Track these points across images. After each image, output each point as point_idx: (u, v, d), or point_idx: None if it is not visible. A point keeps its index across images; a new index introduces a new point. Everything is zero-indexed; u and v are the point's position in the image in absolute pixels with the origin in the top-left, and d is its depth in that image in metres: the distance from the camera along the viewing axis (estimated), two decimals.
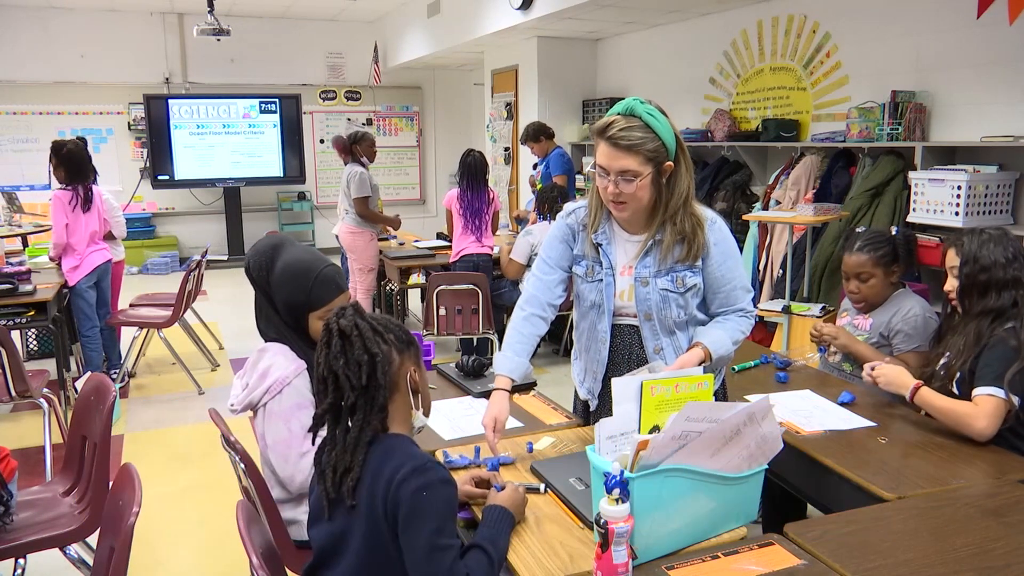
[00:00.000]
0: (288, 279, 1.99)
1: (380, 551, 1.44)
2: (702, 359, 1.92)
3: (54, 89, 9.11)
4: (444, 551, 1.39)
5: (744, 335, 2.04)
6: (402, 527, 1.40)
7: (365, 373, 1.47)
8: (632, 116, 1.86)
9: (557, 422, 2.25)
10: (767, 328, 5.04)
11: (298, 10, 9.29)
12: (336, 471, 1.48)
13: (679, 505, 1.52)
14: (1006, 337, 2.08)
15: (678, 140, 1.91)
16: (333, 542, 1.51)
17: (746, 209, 5.45)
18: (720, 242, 1.99)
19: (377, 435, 1.50)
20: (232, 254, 9.65)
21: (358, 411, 1.48)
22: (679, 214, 1.94)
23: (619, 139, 1.84)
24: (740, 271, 2.03)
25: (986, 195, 3.70)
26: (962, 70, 4.09)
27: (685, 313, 2.00)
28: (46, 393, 3.61)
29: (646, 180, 1.87)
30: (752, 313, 2.04)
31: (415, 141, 10.95)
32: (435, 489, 1.41)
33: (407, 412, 1.57)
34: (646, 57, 6.84)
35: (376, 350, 1.48)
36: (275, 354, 1.99)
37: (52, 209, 4.57)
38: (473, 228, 5.06)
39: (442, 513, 1.41)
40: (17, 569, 2.29)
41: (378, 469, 1.45)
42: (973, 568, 1.45)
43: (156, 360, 5.54)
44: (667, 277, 1.97)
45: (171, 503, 3.45)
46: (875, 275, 2.58)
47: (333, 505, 1.50)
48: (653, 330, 2.01)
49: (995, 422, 2.02)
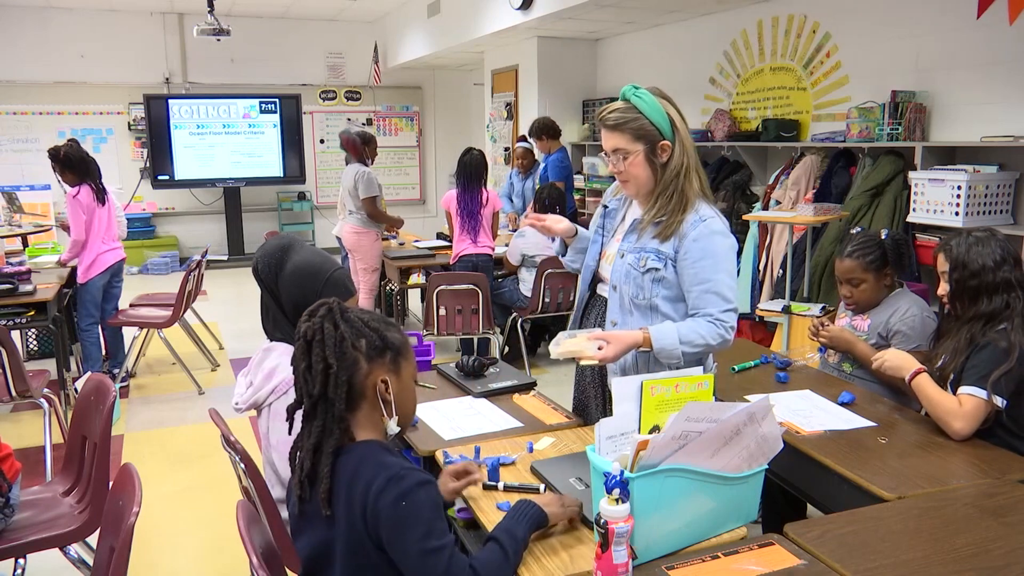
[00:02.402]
0: (297, 281, 1.98)
1: (364, 560, 1.41)
2: (638, 342, 1.94)
3: (54, 89, 9.10)
4: (437, 552, 1.36)
5: (705, 340, 1.95)
6: (388, 540, 1.37)
7: (319, 382, 1.43)
8: (623, 100, 2.03)
9: (557, 422, 2.25)
10: (767, 328, 5.04)
11: (298, 10, 9.29)
12: (302, 470, 1.46)
13: (679, 505, 1.52)
14: (996, 338, 2.08)
15: (672, 121, 2.01)
16: (317, 553, 1.48)
17: (746, 209, 5.46)
18: (701, 239, 1.97)
19: (343, 445, 1.45)
20: (232, 254, 9.65)
21: (318, 417, 1.45)
22: (670, 192, 2.01)
23: (607, 120, 2.03)
24: (720, 278, 1.97)
25: (986, 195, 3.70)
26: (962, 70, 4.09)
27: (642, 296, 2.04)
28: (46, 393, 3.61)
29: (638, 157, 2.01)
30: (724, 324, 1.96)
31: (415, 141, 10.95)
32: (414, 495, 1.37)
33: (378, 420, 1.50)
34: (646, 57, 6.84)
35: (332, 361, 1.43)
36: (281, 354, 1.99)
37: (70, 210, 4.64)
38: (469, 229, 5.06)
39: (426, 517, 1.37)
40: (17, 569, 2.29)
41: (351, 481, 1.41)
42: (973, 568, 1.45)
43: (156, 360, 5.54)
44: (635, 254, 2.06)
45: (171, 503, 3.45)
46: (866, 280, 2.59)
47: (308, 512, 1.49)
48: (616, 303, 2.10)
49: (972, 423, 2.04)
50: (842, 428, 2.14)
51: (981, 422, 2.05)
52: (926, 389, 2.14)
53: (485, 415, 2.29)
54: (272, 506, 1.98)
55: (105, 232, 4.75)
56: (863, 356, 2.49)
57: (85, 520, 2.30)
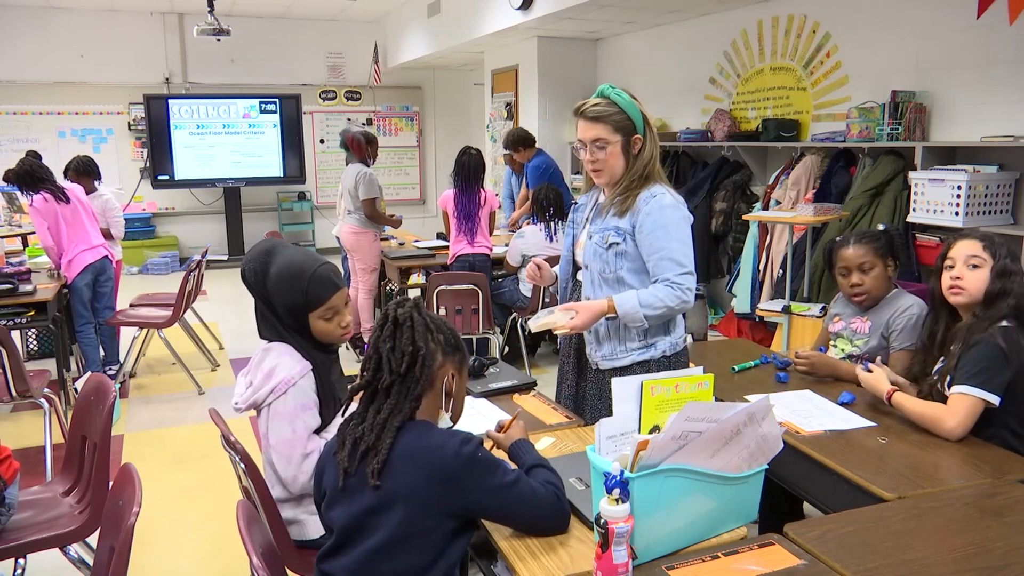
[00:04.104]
0: (284, 282, 1.98)
1: (418, 526, 1.49)
2: (604, 310, 2.19)
3: (54, 89, 9.11)
4: (519, 479, 1.56)
5: (664, 303, 2.16)
6: (474, 488, 1.51)
7: (406, 362, 1.55)
8: (602, 96, 2.25)
9: (557, 422, 2.25)
10: (767, 328, 5.04)
11: (298, 10, 9.29)
12: (357, 446, 1.54)
13: (679, 505, 1.52)
14: (994, 334, 2.07)
15: (645, 118, 2.24)
16: (356, 522, 1.53)
17: (746, 209, 5.46)
18: (653, 212, 2.19)
19: (406, 422, 1.56)
20: (232, 254, 9.65)
21: (392, 396, 1.56)
22: (636, 181, 2.24)
23: (590, 112, 2.23)
24: (672, 245, 2.19)
25: (986, 195, 3.70)
26: (962, 70, 4.09)
27: (609, 271, 2.27)
28: (46, 393, 3.61)
29: (616, 148, 2.23)
30: (682, 287, 2.17)
31: (415, 141, 10.95)
32: (483, 448, 1.56)
33: (436, 410, 1.64)
34: (646, 57, 6.84)
35: (421, 344, 1.57)
36: (281, 354, 1.99)
37: (33, 220, 4.69)
38: (466, 231, 5.05)
39: (497, 460, 1.57)
40: (17, 569, 2.29)
41: (414, 449, 1.51)
42: (973, 568, 1.45)
43: (156, 360, 5.54)
44: (600, 234, 2.28)
45: (171, 503, 3.45)
46: (876, 265, 2.59)
47: (352, 485, 1.54)
48: (588, 281, 2.33)
49: (966, 421, 2.03)
50: (842, 428, 2.14)
51: (975, 420, 2.03)
52: (906, 405, 2.14)
53: (485, 415, 2.28)
54: (272, 506, 1.98)
55: (80, 231, 4.72)
56: (848, 375, 2.49)
57: (85, 520, 2.30)
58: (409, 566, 1.50)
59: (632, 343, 2.28)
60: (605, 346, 2.31)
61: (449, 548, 1.52)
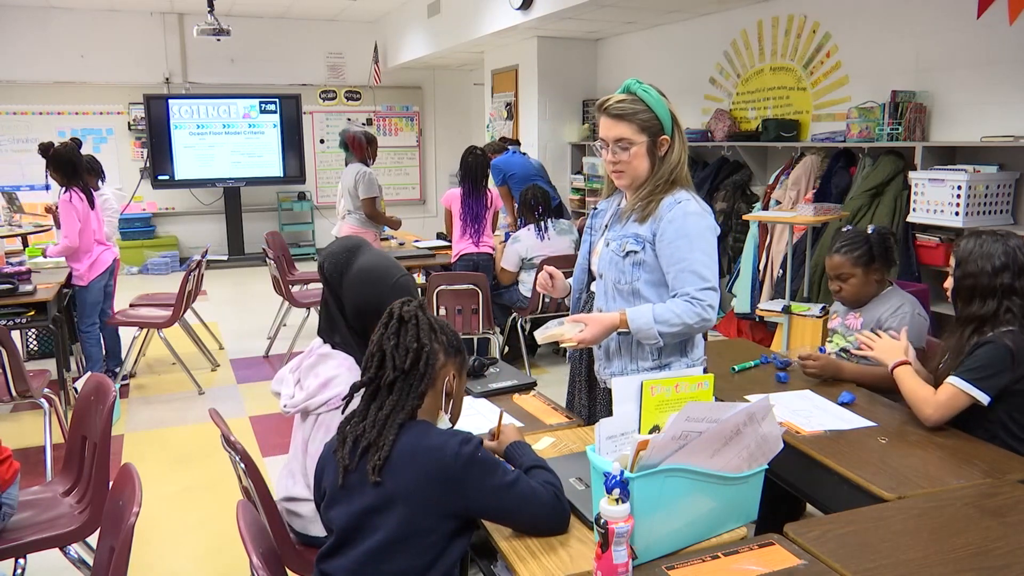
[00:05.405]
0: (363, 283, 1.95)
1: (418, 526, 1.49)
2: (615, 324, 2.02)
3: (54, 89, 9.10)
4: (518, 479, 1.56)
5: (681, 320, 1.97)
6: (474, 487, 1.51)
7: (410, 359, 1.56)
8: (628, 92, 2.06)
9: (557, 422, 2.25)
10: (767, 328, 5.04)
11: (298, 10, 9.29)
12: (358, 443, 1.54)
13: (679, 505, 1.52)
14: (1001, 336, 2.07)
15: (673, 117, 2.06)
16: (356, 522, 1.53)
17: (746, 209, 5.46)
18: (676, 220, 2.02)
19: (407, 421, 1.56)
20: (232, 254, 9.65)
21: (395, 392, 1.56)
22: (661, 185, 2.06)
23: (614, 109, 2.04)
24: (696, 256, 2.00)
25: (986, 195, 3.70)
26: (962, 70, 4.09)
27: (624, 281, 2.10)
28: (46, 393, 3.61)
29: (641, 148, 2.04)
30: (703, 303, 1.98)
31: (415, 141, 10.95)
32: (482, 449, 1.56)
33: (436, 411, 1.64)
34: (646, 57, 6.84)
35: (426, 341, 1.57)
36: (341, 365, 1.94)
37: (64, 213, 4.59)
38: (472, 232, 5.05)
39: (496, 460, 1.57)
40: (17, 569, 2.29)
41: (414, 449, 1.51)
42: (973, 568, 1.45)
43: (156, 360, 5.54)
44: (617, 241, 2.11)
45: (171, 503, 3.45)
46: (854, 275, 2.63)
47: (352, 483, 1.53)
48: (602, 292, 2.16)
49: (944, 412, 2.07)
50: (842, 428, 2.14)
51: (955, 412, 2.06)
52: (905, 380, 2.18)
53: (485, 415, 2.28)
54: (272, 506, 1.98)
55: (99, 232, 4.77)
56: (853, 376, 2.50)
57: (85, 520, 2.30)
58: (409, 566, 1.50)
59: (644, 362, 2.12)
60: (615, 363, 2.16)
61: (449, 548, 1.52)
